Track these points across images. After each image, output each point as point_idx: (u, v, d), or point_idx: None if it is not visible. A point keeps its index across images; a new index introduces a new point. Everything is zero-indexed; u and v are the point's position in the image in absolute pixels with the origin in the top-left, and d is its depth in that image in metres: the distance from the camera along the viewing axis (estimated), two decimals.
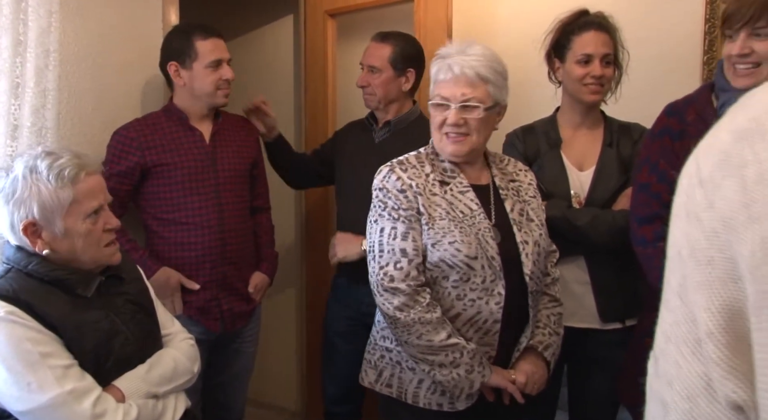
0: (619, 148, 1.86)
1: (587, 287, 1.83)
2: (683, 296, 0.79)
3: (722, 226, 0.69)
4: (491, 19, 2.58)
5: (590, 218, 1.77)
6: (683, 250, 0.77)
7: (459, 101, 1.54)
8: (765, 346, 0.63)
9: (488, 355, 1.57)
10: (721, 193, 0.70)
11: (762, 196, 0.65)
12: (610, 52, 1.83)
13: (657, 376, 0.87)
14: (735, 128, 0.70)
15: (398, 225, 1.54)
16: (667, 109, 1.62)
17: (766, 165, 0.65)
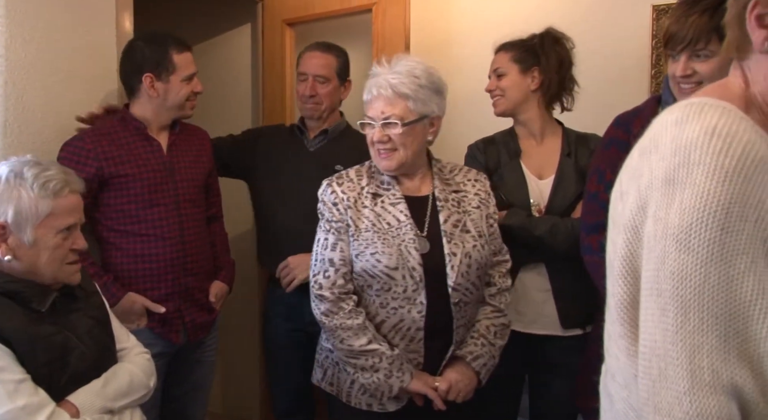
0: (577, 157, 1.92)
1: (548, 294, 1.88)
2: (614, 296, 0.87)
3: (631, 229, 0.82)
4: (449, 30, 2.62)
5: (549, 227, 1.82)
6: (611, 255, 0.89)
7: (380, 119, 1.61)
8: (643, 320, 0.79)
9: (416, 362, 1.63)
10: (629, 201, 0.83)
11: (651, 199, 0.78)
12: (498, 65, 1.98)
13: (605, 373, 0.95)
14: (641, 146, 0.84)
15: (329, 236, 1.65)
16: (615, 120, 1.67)
17: (656, 173, 0.78)
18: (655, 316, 0.76)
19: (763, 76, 0.84)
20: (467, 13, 2.57)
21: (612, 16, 2.32)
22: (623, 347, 0.85)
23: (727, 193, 0.73)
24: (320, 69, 2.21)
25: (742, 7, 0.83)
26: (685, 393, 0.73)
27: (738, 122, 0.76)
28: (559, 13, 2.10)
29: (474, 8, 2.56)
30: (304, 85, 2.23)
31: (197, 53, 2.20)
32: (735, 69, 0.89)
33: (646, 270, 0.79)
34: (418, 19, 2.55)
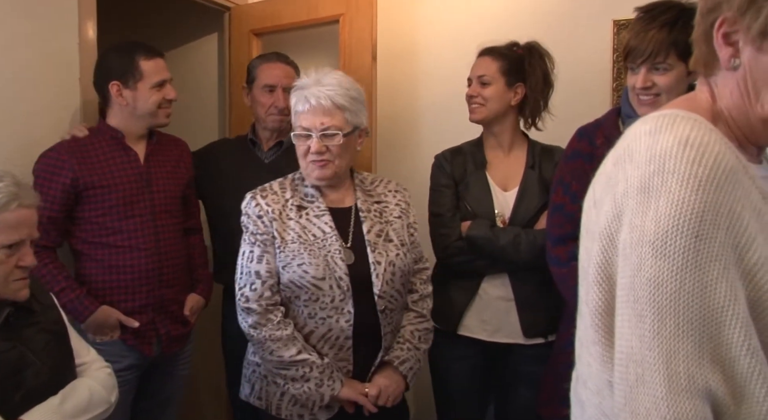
0: (541, 169, 1.94)
1: (511, 304, 1.90)
2: (587, 304, 0.88)
3: (606, 237, 0.84)
4: (415, 40, 2.65)
5: (512, 237, 1.84)
6: (585, 262, 0.91)
7: (319, 130, 1.63)
8: (619, 327, 0.80)
9: (345, 370, 1.67)
10: (604, 209, 0.85)
11: (626, 207, 0.80)
12: (484, 73, 1.96)
13: (577, 379, 0.96)
14: (615, 156, 0.86)
15: (255, 248, 1.66)
16: (578, 132, 1.70)
17: (631, 181, 0.80)
18: (632, 322, 0.77)
19: (729, 92, 0.87)
20: (433, 24, 2.60)
21: (574, 30, 2.37)
22: (597, 354, 0.86)
23: (701, 202, 0.74)
24: (288, 80, 2.21)
25: (709, 25, 0.86)
26: (662, 398, 0.74)
27: (709, 134, 0.78)
28: (523, 25, 2.13)
29: (440, 18, 2.59)
30: (271, 97, 2.22)
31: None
32: (702, 84, 0.92)
33: (622, 277, 0.80)
34: (384, 30, 2.57)
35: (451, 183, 1.97)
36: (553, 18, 2.40)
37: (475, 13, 2.50)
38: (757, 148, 0.92)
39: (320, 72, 1.66)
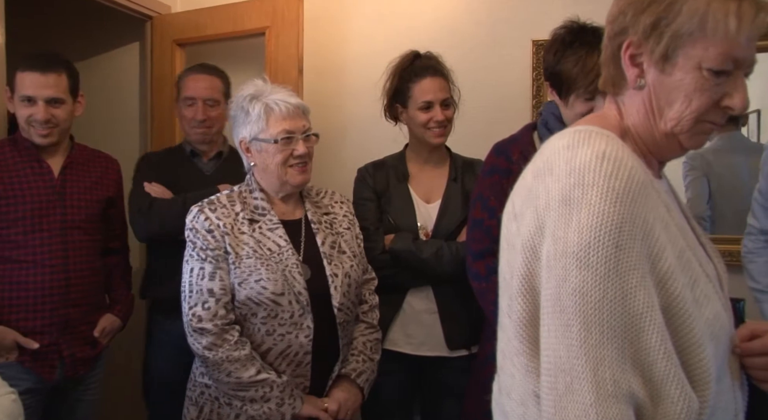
0: (463, 182, 1.97)
1: (435, 317, 1.90)
2: (511, 315, 0.90)
3: (529, 249, 0.86)
4: (342, 54, 2.66)
5: (435, 250, 1.86)
6: (507, 275, 0.92)
7: (302, 132, 1.64)
8: (545, 337, 0.82)
9: (303, 386, 1.63)
10: (525, 221, 0.87)
11: (549, 219, 0.82)
12: (448, 95, 1.94)
13: (499, 391, 0.97)
14: (534, 169, 0.89)
15: (206, 265, 1.58)
16: (494, 148, 1.74)
17: (552, 194, 0.82)
18: (559, 332, 0.79)
19: (636, 110, 0.92)
20: (359, 39, 2.62)
21: (495, 48, 2.44)
22: (521, 364, 0.88)
23: (619, 213, 0.78)
24: (209, 92, 2.18)
25: (617, 48, 0.92)
26: (591, 405, 0.76)
27: (622, 149, 0.83)
28: (446, 43, 2.17)
29: (366, 34, 2.62)
30: (192, 110, 2.17)
31: (83, 70, 2.10)
32: (610, 103, 0.97)
33: (546, 288, 0.82)
34: (311, 44, 2.57)
35: (374, 196, 1.97)
36: (476, 36, 2.47)
37: (401, 29, 2.54)
38: (659, 163, 0.97)
39: (258, 82, 1.67)
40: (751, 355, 0.93)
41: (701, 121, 0.88)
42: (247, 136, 1.65)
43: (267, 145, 1.63)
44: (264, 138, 1.62)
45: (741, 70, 0.87)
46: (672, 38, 0.85)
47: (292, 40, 2.49)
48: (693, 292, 0.84)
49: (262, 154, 1.64)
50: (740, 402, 0.94)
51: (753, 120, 2.47)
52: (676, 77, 0.87)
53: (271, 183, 1.68)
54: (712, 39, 0.84)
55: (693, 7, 0.84)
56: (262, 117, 1.62)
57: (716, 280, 0.93)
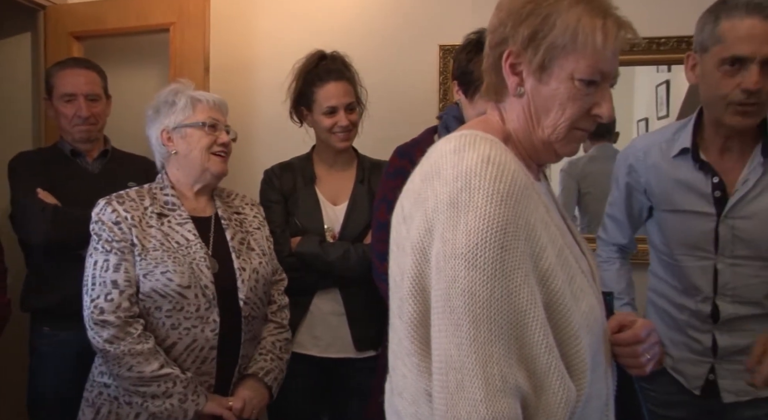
0: (370, 184, 1.99)
1: (342, 318, 1.92)
2: (402, 316, 0.92)
3: (419, 251, 0.88)
4: (250, 53, 2.62)
5: (342, 252, 1.87)
6: (397, 277, 0.95)
7: (224, 124, 1.72)
8: (435, 337, 0.84)
9: (207, 384, 1.62)
10: (414, 224, 0.90)
11: (437, 221, 0.85)
12: (352, 99, 1.94)
13: (392, 391, 0.99)
14: (422, 173, 0.92)
15: (111, 257, 1.57)
16: (397, 151, 1.77)
17: (440, 197, 0.86)
18: (449, 331, 0.82)
19: (516, 116, 0.97)
20: (268, 38, 2.59)
21: (403, 51, 2.48)
22: (413, 364, 0.89)
23: (504, 215, 0.82)
24: (90, 87, 2.08)
25: (498, 57, 0.96)
26: (481, 400, 0.79)
27: (505, 153, 0.87)
28: (355, 45, 2.18)
29: (275, 33, 2.59)
30: (73, 106, 2.06)
31: None
32: (493, 109, 1.01)
33: (436, 289, 0.84)
34: (218, 42, 2.51)
35: (281, 198, 1.96)
36: (384, 39, 2.50)
37: (310, 29, 2.53)
38: (538, 167, 1.03)
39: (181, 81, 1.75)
40: (621, 344, 1.01)
41: (574, 128, 0.95)
42: (170, 124, 1.67)
43: (193, 130, 1.66)
44: (191, 123, 1.66)
45: (607, 81, 0.94)
46: (547, 50, 0.91)
47: (199, 37, 2.42)
48: (571, 287, 0.89)
49: (186, 140, 1.66)
50: (611, 388, 1.01)
51: (642, 127, 2.65)
52: (552, 86, 0.92)
53: (190, 172, 1.69)
54: (582, 52, 0.90)
55: (565, 22, 0.90)
56: (188, 105, 1.67)
57: (590, 274, 1.00)
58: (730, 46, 1.31)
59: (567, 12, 0.90)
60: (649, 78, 2.61)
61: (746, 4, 1.30)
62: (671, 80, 2.56)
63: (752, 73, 1.30)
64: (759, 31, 1.29)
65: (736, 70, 1.32)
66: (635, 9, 2.36)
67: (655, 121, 2.60)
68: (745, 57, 1.30)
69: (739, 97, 1.34)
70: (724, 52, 1.32)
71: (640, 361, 1.01)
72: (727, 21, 1.32)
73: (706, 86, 1.40)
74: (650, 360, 1.01)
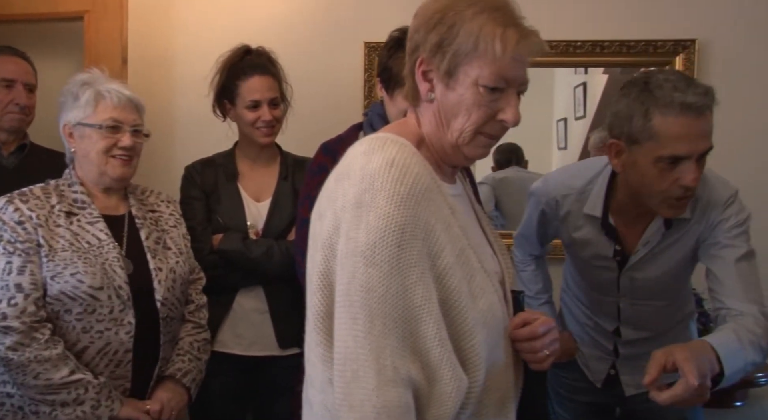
0: (294, 181, 1.98)
1: (266, 316, 1.90)
2: (310, 309, 0.96)
3: (328, 247, 0.93)
4: (171, 45, 2.54)
5: (265, 249, 1.85)
6: (310, 271, 0.99)
7: (131, 125, 1.61)
8: (337, 329, 0.89)
9: (123, 388, 1.58)
10: (326, 221, 0.94)
11: (344, 220, 0.90)
12: (276, 94, 1.93)
13: (306, 381, 1.03)
14: (336, 173, 0.97)
15: (14, 259, 1.50)
16: (322, 148, 1.77)
17: (347, 197, 0.90)
18: (348, 324, 0.86)
19: (428, 121, 1.01)
20: (191, 30, 2.52)
21: (328, 48, 2.48)
22: (320, 355, 0.94)
23: (403, 215, 0.86)
24: (27, 76, 2.00)
25: (413, 64, 1.00)
26: (373, 390, 0.84)
27: (411, 156, 0.92)
28: (280, 41, 2.15)
29: (197, 25, 2.52)
30: (9, 93, 1.97)
31: None
32: (411, 112, 1.06)
33: (339, 283, 0.89)
34: (136, 32, 2.43)
35: (202, 195, 1.93)
36: (310, 35, 2.48)
37: (234, 22, 2.48)
38: (451, 169, 1.07)
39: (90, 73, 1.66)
40: (520, 340, 1.05)
41: (480, 133, 0.99)
42: (72, 120, 1.60)
43: (91, 131, 1.59)
44: (89, 123, 1.59)
45: (513, 87, 0.98)
46: (453, 57, 0.95)
47: (116, 27, 2.34)
48: (470, 285, 0.94)
49: (84, 141, 1.60)
50: (513, 382, 1.06)
51: (561, 127, 2.76)
52: (458, 92, 0.96)
53: (89, 172, 1.63)
54: (485, 59, 0.94)
55: (468, 30, 0.94)
56: (90, 102, 1.59)
57: (496, 274, 1.05)
58: (666, 145, 1.29)
59: (471, 21, 0.94)
60: (567, 80, 2.71)
61: (680, 104, 1.27)
62: (588, 82, 2.67)
63: (691, 170, 1.30)
64: (695, 130, 1.28)
65: (673, 166, 1.31)
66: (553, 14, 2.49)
67: (573, 121, 2.71)
68: (683, 156, 1.30)
69: (677, 193, 1.33)
70: (662, 150, 1.30)
71: (539, 356, 1.05)
72: (660, 118, 1.29)
73: (639, 177, 1.37)
74: (550, 355, 1.06)
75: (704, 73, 2.42)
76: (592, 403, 1.76)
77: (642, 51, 2.42)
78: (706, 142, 1.30)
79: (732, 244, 1.43)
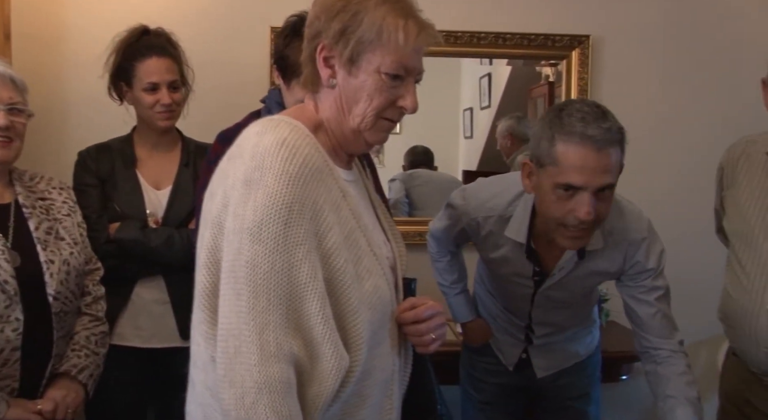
0: (195, 168, 1.92)
1: (167, 306, 1.85)
2: (197, 286, 0.98)
3: (216, 224, 0.93)
4: (61, 22, 2.40)
5: (165, 238, 1.80)
6: (199, 248, 0.99)
7: (7, 104, 1.51)
8: (221, 306, 0.90)
9: (10, 388, 1.50)
10: (216, 199, 0.95)
11: (232, 197, 0.91)
12: (176, 77, 1.87)
13: (190, 362, 1.04)
14: (230, 153, 0.98)
15: None
16: (219, 136, 1.71)
17: (237, 175, 0.91)
18: (232, 300, 0.87)
19: (329, 107, 1.03)
20: (82, 7, 2.39)
21: (233, 33, 2.42)
22: (203, 332, 0.95)
23: (290, 194, 0.87)
24: None
25: (313, 50, 1.01)
26: (254, 365, 0.84)
27: (303, 138, 0.93)
28: (181, 23, 2.08)
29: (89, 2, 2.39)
30: None
31: None
32: (309, 99, 1.07)
33: (225, 260, 0.90)
34: (21, 8, 2.27)
35: (96, 182, 1.84)
36: (214, 18, 2.42)
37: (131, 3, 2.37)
38: (348, 156, 1.09)
39: None
40: (405, 323, 1.08)
41: (381, 118, 1.02)
42: None
43: None
44: None
45: (412, 76, 1.02)
46: (356, 44, 0.97)
47: None
48: (356, 267, 0.97)
49: None
50: (398, 364, 1.10)
51: (467, 116, 2.83)
52: (361, 79, 0.99)
53: None
54: (387, 48, 0.97)
55: (372, 19, 0.97)
56: None
57: (388, 260, 1.07)
58: (564, 172, 1.30)
59: (374, 11, 0.97)
60: (472, 70, 2.79)
61: (581, 133, 1.28)
62: (492, 73, 2.76)
63: (585, 203, 1.30)
64: (592, 162, 1.28)
65: (570, 195, 1.31)
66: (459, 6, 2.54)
67: (479, 110, 2.80)
68: (578, 186, 1.30)
69: (572, 223, 1.34)
70: (559, 177, 1.31)
71: (424, 340, 1.08)
72: (562, 145, 1.30)
73: (541, 201, 1.40)
74: (435, 340, 1.09)
75: (597, 68, 2.56)
76: (505, 384, 1.84)
77: (542, 44, 2.52)
78: (604, 178, 1.30)
79: (653, 285, 1.53)
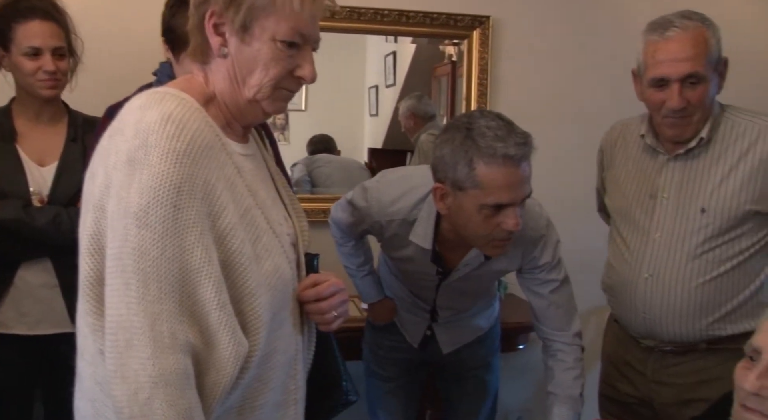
0: (84, 143, 1.81)
1: (56, 290, 1.75)
2: (79, 274, 0.93)
3: (99, 208, 0.87)
4: None
5: (52, 217, 1.70)
6: (81, 233, 0.93)
7: None
8: (108, 296, 0.84)
9: None
10: (97, 181, 0.88)
11: (115, 179, 0.85)
12: (62, 44, 1.75)
13: (77, 354, 0.98)
14: (111, 128, 0.91)
15: None
16: (108, 111, 1.62)
17: (119, 154, 0.85)
18: (120, 290, 0.82)
19: (222, 78, 0.97)
20: None
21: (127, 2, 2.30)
22: (90, 324, 0.89)
23: (179, 174, 0.82)
24: None
25: (201, 17, 0.94)
26: (148, 358, 0.79)
27: (191, 112, 0.87)
28: None
29: None
30: None
31: None
32: (198, 70, 1.00)
33: (110, 248, 0.84)
34: None
35: None
36: None
37: None
38: (243, 128, 1.04)
39: None
40: (307, 301, 1.06)
41: (279, 88, 0.97)
42: None
43: None
44: None
45: (309, 45, 0.98)
46: (248, 10, 0.92)
47: None
48: (254, 247, 0.93)
49: None
50: (301, 344, 1.07)
51: (373, 94, 2.83)
52: (255, 47, 0.94)
53: None
54: (282, 14, 0.92)
55: None
56: None
57: (289, 237, 1.04)
58: (492, 194, 1.34)
59: None
60: (378, 48, 2.78)
61: (502, 156, 1.31)
62: (397, 51, 2.77)
63: (513, 216, 1.36)
64: (516, 179, 1.34)
65: (496, 212, 1.36)
66: None
67: (384, 88, 2.80)
68: (506, 204, 1.36)
69: (501, 236, 1.40)
70: (486, 198, 1.35)
71: (326, 318, 1.07)
72: (484, 167, 1.33)
73: (465, 221, 1.42)
74: (338, 317, 1.08)
75: (497, 48, 2.62)
76: (409, 360, 1.88)
77: (444, 23, 2.54)
78: (526, 189, 1.38)
79: (547, 278, 1.60)
